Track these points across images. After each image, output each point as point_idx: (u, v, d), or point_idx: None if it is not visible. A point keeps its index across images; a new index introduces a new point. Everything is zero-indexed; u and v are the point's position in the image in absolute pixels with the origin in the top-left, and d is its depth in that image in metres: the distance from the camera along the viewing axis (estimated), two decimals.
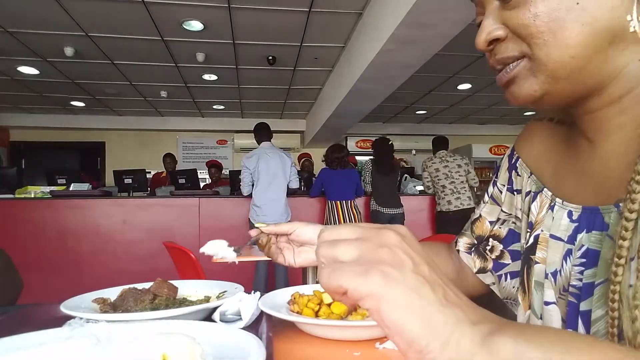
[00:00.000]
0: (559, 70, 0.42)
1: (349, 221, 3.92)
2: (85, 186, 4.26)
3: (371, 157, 4.39)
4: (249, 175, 3.78)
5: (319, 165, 4.78)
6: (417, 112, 7.55)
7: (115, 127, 7.58)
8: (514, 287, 0.60)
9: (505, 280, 0.61)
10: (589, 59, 0.42)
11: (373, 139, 4.77)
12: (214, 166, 5.66)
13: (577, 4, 0.40)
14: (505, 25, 0.45)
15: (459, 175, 4.14)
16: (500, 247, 0.63)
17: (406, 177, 5.12)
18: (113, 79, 5.41)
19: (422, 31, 2.91)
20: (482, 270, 0.64)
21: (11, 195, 4.05)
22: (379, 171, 4.17)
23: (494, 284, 0.64)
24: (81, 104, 6.67)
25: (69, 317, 0.65)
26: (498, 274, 0.62)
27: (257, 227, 0.71)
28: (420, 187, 4.78)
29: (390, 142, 4.28)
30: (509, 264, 0.62)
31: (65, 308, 0.64)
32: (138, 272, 3.87)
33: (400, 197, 4.32)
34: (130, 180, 4.65)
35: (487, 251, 0.64)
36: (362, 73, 3.80)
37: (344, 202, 4.01)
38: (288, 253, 0.77)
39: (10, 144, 7.60)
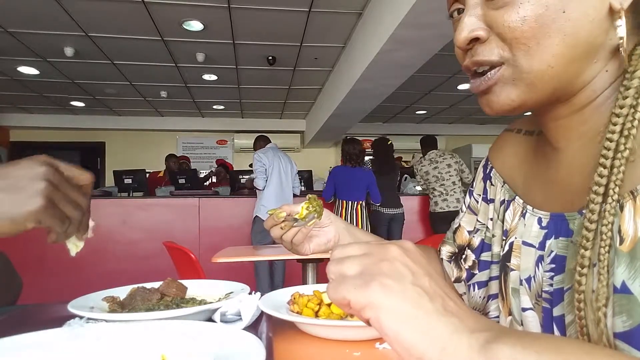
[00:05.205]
0: (538, 79, 0.42)
1: (351, 223, 3.87)
2: None
3: (371, 157, 4.36)
4: (264, 170, 3.74)
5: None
6: (417, 112, 7.55)
7: (115, 127, 7.57)
8: (480, 297, 0.61)
9: (473, 290, 0.62)
10: (564, 69, 0.42)
11: (373, 139, 4.75)
12: (222, 166, 5.75)
13: (564, 12, 0.40)
14: (488, 26, 0.43)
15: (450, 176, 4.07)
16: (473, 257, 0.63)
17: (406, 177, 5.12)
18: (113, 79, 5.40)
19: (422, 31, 2.91)
20: (457, 280, 0.65)
21: None
22: (379, 171, 4.15)
23: (464, 293, 0.64)
24: (81, 104, 6.67)
25: (69, 317, 0.65)
26: (468, 283, 0.63)
27: (271, 212, 0.65)
28: (420, 187, 4.78)
29: (390, 142, 4.27)
30: (476, 273, 0.62)
31: (72, 307, 0.65)
32: (138, 272, 3.86)
33: (400, 197, 4.31)
34: (130, 180, 4.65)
35: (462, 261, 0.65)
36: (362, 73, 3.80)
37: (350, 202, 3.88)
38: None
39: (10, 144, 7.59)
